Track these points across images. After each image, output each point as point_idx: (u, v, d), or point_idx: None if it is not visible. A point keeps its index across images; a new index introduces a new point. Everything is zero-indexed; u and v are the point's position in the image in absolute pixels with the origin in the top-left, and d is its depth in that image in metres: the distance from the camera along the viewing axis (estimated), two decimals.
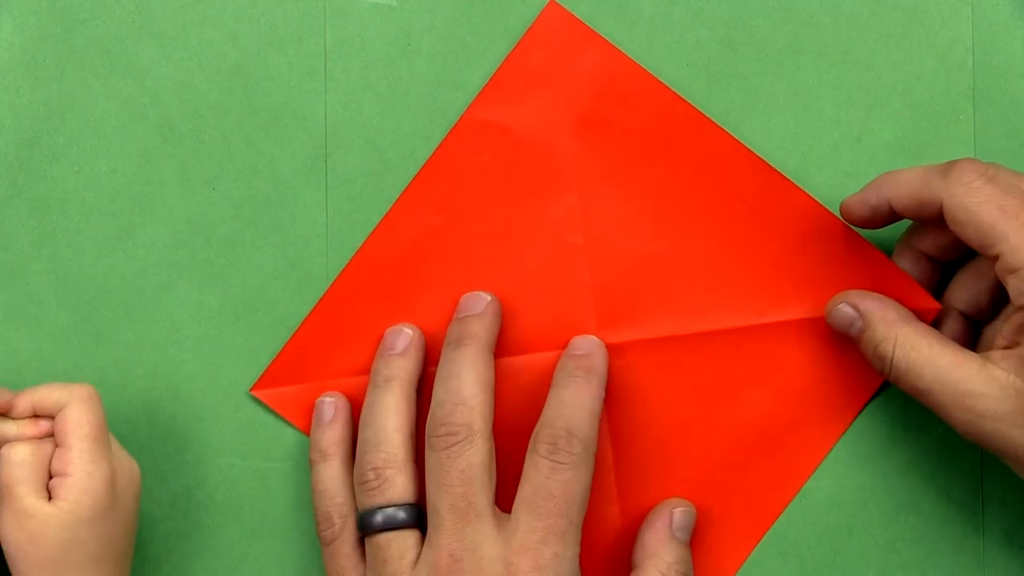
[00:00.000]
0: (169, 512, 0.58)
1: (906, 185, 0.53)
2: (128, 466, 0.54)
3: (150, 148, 0.58)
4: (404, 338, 0.56)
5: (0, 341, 0.58)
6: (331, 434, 0.56)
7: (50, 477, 0.52)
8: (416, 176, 0.57)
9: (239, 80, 0.58)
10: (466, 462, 0.52)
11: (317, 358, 0.58)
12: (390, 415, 0.54)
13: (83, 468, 0.51)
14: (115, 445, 0.54)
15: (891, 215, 0.54)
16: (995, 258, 0.50)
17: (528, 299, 0.57)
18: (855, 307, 0.54)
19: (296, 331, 0.58)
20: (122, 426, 0.58)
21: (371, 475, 0.53)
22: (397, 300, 0.57)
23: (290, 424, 0.58)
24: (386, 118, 0.58)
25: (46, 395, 0.53)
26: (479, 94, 0.57)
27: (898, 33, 0.58)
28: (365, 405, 0.55)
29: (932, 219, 0.52)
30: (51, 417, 0.53)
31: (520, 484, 0.52)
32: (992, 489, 0.58)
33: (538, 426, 0.53)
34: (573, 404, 0.53)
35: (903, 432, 0.58)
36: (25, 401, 0.53)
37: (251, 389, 0.58)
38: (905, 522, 0.58)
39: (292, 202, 0.58)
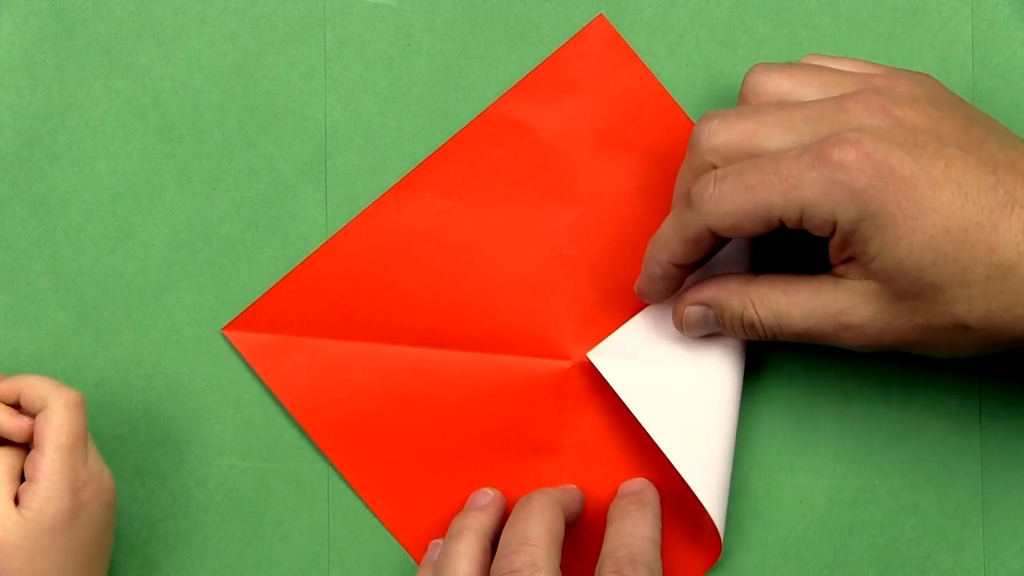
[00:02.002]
0: (169, 512, 0.58)
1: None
2: (99, 477, 0.53)
3: (150, 148, 0.58)
4: (485, 497, 0.56)
5: (0, 341, 0.58)
6: None
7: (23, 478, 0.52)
8: (430, 156, 0.57)
9: (239, 80, 0.58)
10: None
11: (295, 312, 0.57)
12: (460, 560, 0.52)
13: (49, 477, 0.51)
14: (92, 455, 0.53)
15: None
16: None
17: (511, 300, 0.57)
18: (700, 302, 0.53)
19: (280, 281, 0.57)
20: (122, 426, 0.58)
21: None
22: (385, 273, 0.57)
23: (291, 424, 0.58)
24: (386, 118, 0.58)
25: (33, 386, 0.52)
26: (510, 89, 0.57)
27: (898, 33, 0.58)
28: (439, 555, 0.54)
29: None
30: (32, 414, 0.52)
31: None
32: (992, 489, 0.58)
33: (600, 559, 0.52)
34: (631, 534, 0.53)
35: (903, 432, 0.58)
36: (11, 387, 0.53)
37: (223, 328, 0.57)
38: (905, 522, 0.58)
39: (292, 202, 0.58)
